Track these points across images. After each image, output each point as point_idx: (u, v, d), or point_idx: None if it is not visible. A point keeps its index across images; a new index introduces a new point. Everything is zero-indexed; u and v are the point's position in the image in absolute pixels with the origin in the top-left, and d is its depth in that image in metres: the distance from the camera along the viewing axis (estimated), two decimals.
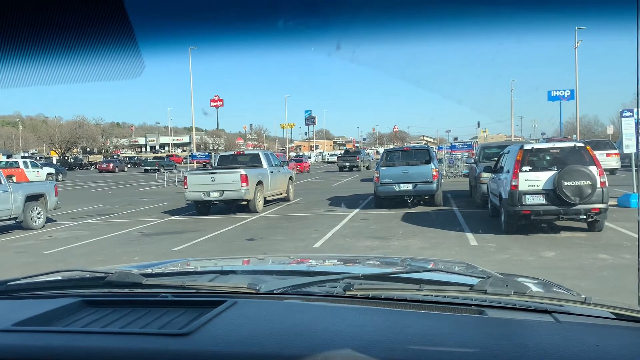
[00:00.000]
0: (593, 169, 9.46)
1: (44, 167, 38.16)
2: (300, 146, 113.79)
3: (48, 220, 14.49)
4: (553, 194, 9.46)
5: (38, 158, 58.05)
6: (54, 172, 38.71)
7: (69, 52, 1.20)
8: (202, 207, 15.53)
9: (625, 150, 13.85)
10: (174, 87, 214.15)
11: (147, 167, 53.62)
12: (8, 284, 1.82)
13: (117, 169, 55.90)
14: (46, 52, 1.21)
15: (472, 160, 17.74)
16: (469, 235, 10.27)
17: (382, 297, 1.52)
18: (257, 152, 18.03)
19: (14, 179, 30.59)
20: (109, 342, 1.26)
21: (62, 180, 38.70)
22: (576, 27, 30.08)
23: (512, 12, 1.26)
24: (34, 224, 13.59)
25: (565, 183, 9.31)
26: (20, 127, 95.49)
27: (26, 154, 65.24)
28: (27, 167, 35.34)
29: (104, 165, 56.99)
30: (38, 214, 13.78)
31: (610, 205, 10.23)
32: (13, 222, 13.21)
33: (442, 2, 1.33)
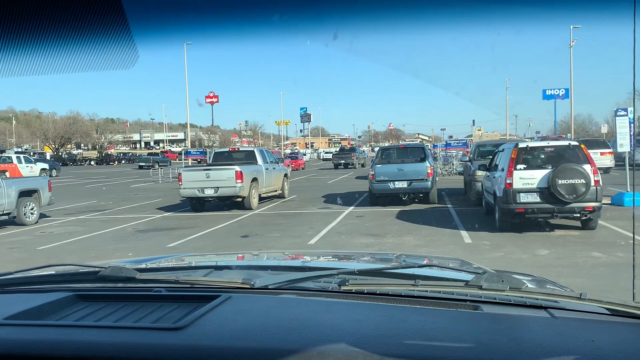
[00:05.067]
0: (587, 167, 9.49)
1: (37, 163, 38.00)
2: (295, 143, 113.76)
3: (41, 215, 14.42)
4: (547, 192, 9.49)
5: (32, 153, 57.68)
6: (47, 167, 38.54)
7: (61, 41, 1.19)
8: (197, 204, 15.50)
9: (619, 149, 13.94)
10: (168, 83, 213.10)
11: (141, 164, 53.35)
12: (0, 278, 1.81)
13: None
14: (38, 41, 1.19)
15: (467, 158, 17.79)
16: (464, 233, 10.29)
17: (377, 292, 1.52)
18: (252, 149, 18.00)
19: (7, 174, 30.48)
20: (102, 336, 1.25)
21: (56, 175, 38.53)
22: (571, 26, 30.23)
23: (511, 4, 1.26)
24: (27, 219, 13.52)
25: (560, 181, 9.34)
26: (14, 122, 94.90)
27: (19, 150, 64.86)
28: (20, 162, 35.17)
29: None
30: (31, 209, 13.71)
31: (604, 203, 10.28)
32: (6, 217, 13.13)
33: None
